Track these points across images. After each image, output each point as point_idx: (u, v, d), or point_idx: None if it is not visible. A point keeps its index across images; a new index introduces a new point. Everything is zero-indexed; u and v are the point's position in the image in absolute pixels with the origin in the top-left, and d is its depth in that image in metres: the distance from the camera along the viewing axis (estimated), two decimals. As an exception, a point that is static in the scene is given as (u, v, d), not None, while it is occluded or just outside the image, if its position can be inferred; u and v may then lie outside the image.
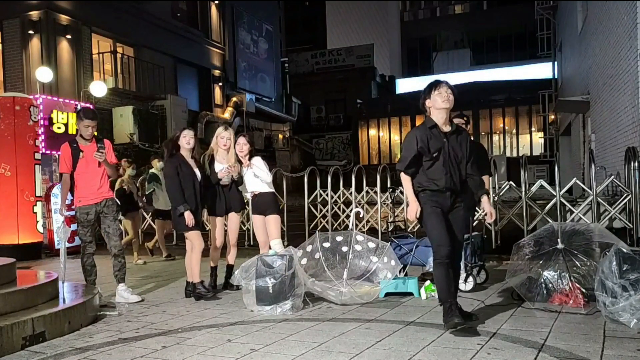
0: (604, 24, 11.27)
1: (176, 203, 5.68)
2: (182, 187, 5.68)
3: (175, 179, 5.69)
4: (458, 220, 4.29)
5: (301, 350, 3.80)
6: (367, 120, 34.90)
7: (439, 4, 48.77)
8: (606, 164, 11.10)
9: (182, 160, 5.79)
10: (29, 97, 10.41)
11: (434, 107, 4.27)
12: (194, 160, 5.90)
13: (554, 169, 9.29)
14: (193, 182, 5.77)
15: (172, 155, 5.82)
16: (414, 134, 4.27)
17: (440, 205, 4.23)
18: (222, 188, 6.07)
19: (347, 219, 10.29)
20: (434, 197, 4.23)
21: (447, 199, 4.24)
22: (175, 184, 5.69)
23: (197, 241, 5.74)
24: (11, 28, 16.86)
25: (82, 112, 5.83)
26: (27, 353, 4.00)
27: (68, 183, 5.70)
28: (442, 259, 4.14)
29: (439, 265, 4.18)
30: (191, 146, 5.86)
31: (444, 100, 4.21)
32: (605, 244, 4.71)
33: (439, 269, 4.19)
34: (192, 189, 5.74)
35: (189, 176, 5.76)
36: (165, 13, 21.73)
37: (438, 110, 4.26)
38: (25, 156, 9.77)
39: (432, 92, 4.25)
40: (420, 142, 4.20)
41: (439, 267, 4.19)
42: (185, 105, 21.36)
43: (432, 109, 4.29)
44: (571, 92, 17.07)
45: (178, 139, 5.88)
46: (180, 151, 5.85)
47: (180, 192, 5.67)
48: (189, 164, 5.81)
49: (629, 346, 3.66)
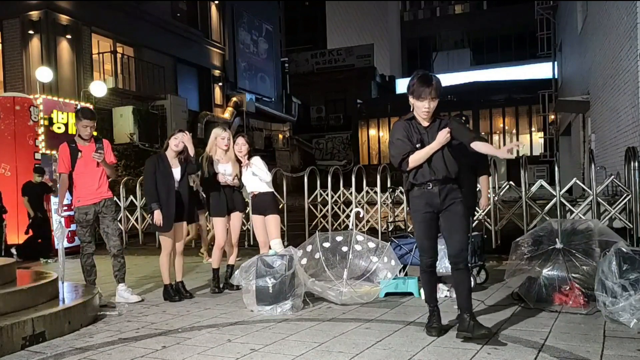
0: (604, 24, 11.27)
1: (149, 200, 5.74)
2: (156, 186, 5.68)
3: (152, 177, 5.69)
4: (454, 218, 4.01)
5: (301, 350, 3.80)
6: (367, 120, 34.89)
7: (439, 4, 48.77)
8: (606, 164, 11.10)
9: (163, 160, 5.78)
10: (29, 97, 10.42)
11: (415, 107, 4.07)
12: (179, 163, 5.86)
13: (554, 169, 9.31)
14: (168, 184, 5.73)
15: (156, 153, 5.80)
16: (396, 128, 4.13)
17: (430, 208, 4.01)
18: (225, 188, 6.08)
19: (347, 219, 10.29)
20: (423, 198, 4.01)
21: (436, 196, 3.98)
22: (150, 182, 5.70)
23: (164, 242, 5.78)
24: (11, 28, 16.84)
25: (80, 112, 5.84)
26: (27, 353, 4.00)
27: (66, 183, 5.69)
28: (425, 267, 4.16)
29: (422, 272, 4.23)
30: (179, 149, 5.81)
31: (423, 118, 4.04)
32: (605, 243, 4.70)
33: (422, 276, 4.26)
34: (164, 190, 5.71)
35: (166, 177, 5.73)
36: (165, 13, 21.72)
37: (417, 115, 4.08)
38: (25, 156, 9.78)
39: (414, 96, 4.01)
40: (405, 132, 4.05)
41: (422, 274, 4.26)
42: (185, 105, 21.36)
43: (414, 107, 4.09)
44: (571, 92, 17.07)
45: (170, 138, 5.89)
46: (166, 151, 5.84)
47: (154, 189, 5.68)
48: (169, 165, 5.77)
49: (629, 346, 3.66)
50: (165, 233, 5.77)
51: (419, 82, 3.99)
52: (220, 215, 6.09)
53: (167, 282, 5.80)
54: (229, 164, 6.08)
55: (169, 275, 5.81)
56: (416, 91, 3.98)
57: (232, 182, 6.05)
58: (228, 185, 6.06)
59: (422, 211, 4.05)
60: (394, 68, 45.93)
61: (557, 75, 23.03)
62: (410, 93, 4.03)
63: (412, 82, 4.04)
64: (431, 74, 4.07)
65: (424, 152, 3.98)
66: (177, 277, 5.90)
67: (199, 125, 22.17)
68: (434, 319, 4.16)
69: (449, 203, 4.02)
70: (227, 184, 6.04)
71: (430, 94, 3.94)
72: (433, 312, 4.18)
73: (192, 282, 6.86)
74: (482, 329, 3.88)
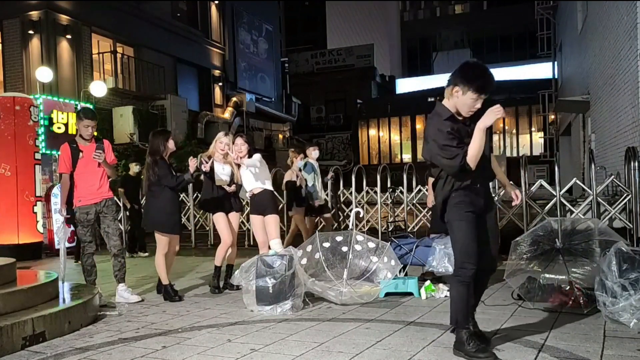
0: (604, 24, 11.27)
1: (177, 180, 5.80)
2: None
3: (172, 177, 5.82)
4: (492, 225, 3.64)
5: (301, 350, 3.80)
6: (367, 120, 34.92)
7: (439, 4, 48.81)
8: (606, 164, 11.11)
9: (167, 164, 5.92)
10: (29, 97, 10.42)
11: (458, 102, 3.47)
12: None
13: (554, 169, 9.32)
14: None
15: (162, 159, 5.85)
16: (440, 131, 3.47)
17: (474, 208, 3.53)
18: (221, 189, 6.10)
19: (347, 219, 10.30)
20: (468, 196, 3.52)
21: (481, 198, 3.57)
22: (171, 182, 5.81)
23: (162, 242, 5.83)
24: (11, 28, 16.85)
25: (82, 112, 5.85)
26: (27, 353, 4.00)
27: (67, 183, 5.70)
28: (467, 278, 3.47)
29: (461, 284, 3.49)
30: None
31: (466, 114, 3.50)
32: (605, 243, 4.70)
33: (460, 289, 3.51)
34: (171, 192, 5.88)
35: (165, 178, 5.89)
36: (165, 13, 21.72)
37: (459, 109, 3.50)
38: (25, 156, 9.77)
39: (475, 89, 3.40)
40: (453, 134, 3.45)
41: (460, 287, 3.50)
42: (185, 105, 21.36)
43: (456, 100, 3.48)
44: (571, 92, 17.08)
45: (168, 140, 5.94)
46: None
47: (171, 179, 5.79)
48: (168, 166, 5.92)
49: (629, 346, 3.66)
50: (166, 234, 5.78)
51: (490, 79, 3.45)
52: (220, 211, 6.08)
53: (167, 283, 5.80)
54: (227, 164, 6.13)
55: (167, 276, 5.81)
56: (482, 86, 3.41)
57: (230, 188, 6.07)
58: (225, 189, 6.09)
59: (467, 209, 3.51)
60: (394, 68, 45.97)
61: (557, 75, 23.05)
62: (470, 82, 3.39)
63: (481, 73, 3.45)
64: None
65: (476, 144, 3.39)
66: (165, 276, 5.91)
67: (198, 125, 22.18)
68: (478, 340, 3.52)
69: (488, 207, 3.65)
70: (224, 188, 6.07)
71: (487, 94, 3.46)
72: (472, 334, 3.52)
73: (192, 282, 6.87)
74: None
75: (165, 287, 5.80)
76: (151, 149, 5.82)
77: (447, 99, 3.54)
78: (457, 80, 3.45)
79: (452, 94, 3.48)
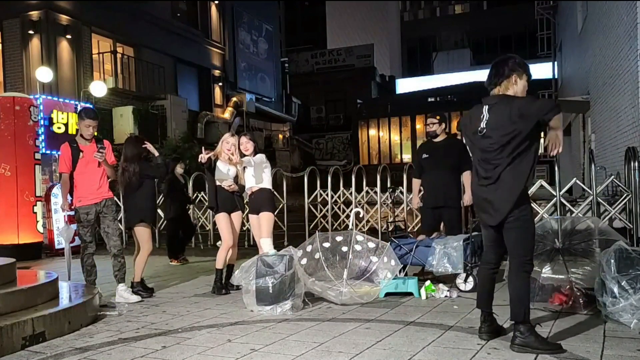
0: (604, 24, 11.27)
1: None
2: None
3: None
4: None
5: (301, 350, 3.80)
6: (367, 120, 34.90)
7: (439, 4, 48.86)
8: (606, 164, 11.10)
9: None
10: (29, 97, 10.41)
11: (519, 88, 3.80)
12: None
13: (554, 169, 9.32)
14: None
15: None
16: (526, 94, 3.86)
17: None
18: (224, 189, 6.09)
19: (347, 219, 10.30)
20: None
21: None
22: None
23: (149, 241, 6.17)
24: (11, 28, 16.85)
25: (83, 111, 5.85)
26: (27, 353, 4.00)
27: (67, 183, 5.70)
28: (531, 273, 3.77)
29: (529, 279, 3.77)
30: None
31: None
32: (605, 242, 4.70)
33: (528, 283, 3.77)
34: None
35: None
36: (165, 13, 21.73)
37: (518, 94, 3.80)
38: (25, 156, 9.77)
39: (528, 75, 3.85)
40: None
41: (528, 281, 3.78)
42: (185, 105, 21.37)
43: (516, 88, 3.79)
44: (571, 92, 17.08)
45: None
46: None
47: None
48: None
49: (629, 346, 3.66)
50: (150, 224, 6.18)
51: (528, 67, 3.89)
52: (222, 211, 6.09)
53: (139, 280, 6.11)
54: (232, 166, 6.12)
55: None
56: (529, 73, 3.86)
57: (231, 188, 6.06)
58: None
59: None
60: (394, 68, 46.00)
61: (557, 75, 23.04)
62: (527, 73, 3.84)
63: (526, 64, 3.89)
64: None
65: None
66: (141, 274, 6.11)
67: (198, 126, 22.19)
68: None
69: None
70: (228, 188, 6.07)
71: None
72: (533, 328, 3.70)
73: (193, 282, 6.87)
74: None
75: (140, 282, 6.09)
76: (131, 155, 6.08)
77: (509, 89, 3.78)
78: (514, 68, 3.79)
79: (513, 82, 3.78)
